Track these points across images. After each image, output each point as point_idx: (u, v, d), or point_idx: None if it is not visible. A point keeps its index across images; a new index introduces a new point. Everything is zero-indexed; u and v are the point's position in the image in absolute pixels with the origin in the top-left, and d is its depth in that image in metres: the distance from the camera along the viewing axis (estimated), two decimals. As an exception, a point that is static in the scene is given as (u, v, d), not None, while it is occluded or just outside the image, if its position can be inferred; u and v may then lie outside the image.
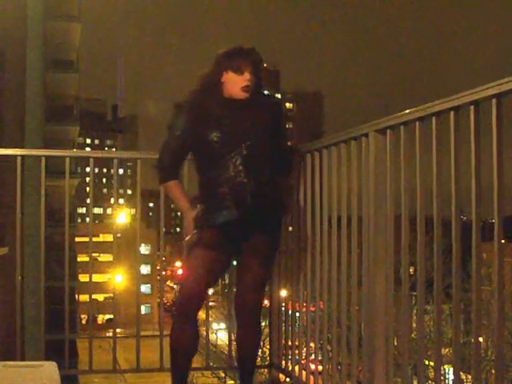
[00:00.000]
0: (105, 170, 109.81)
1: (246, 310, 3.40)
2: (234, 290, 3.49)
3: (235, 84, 3.27)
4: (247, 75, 3.26)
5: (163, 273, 5.03)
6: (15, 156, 3.93)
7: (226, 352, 4.56)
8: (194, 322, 3.30)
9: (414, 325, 2.74)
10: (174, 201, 3.47)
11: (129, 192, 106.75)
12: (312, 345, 3.65)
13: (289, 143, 3.68)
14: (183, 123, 3.35)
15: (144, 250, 59.46)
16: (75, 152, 7.27)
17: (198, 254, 3.28)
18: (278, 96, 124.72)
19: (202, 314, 3.74)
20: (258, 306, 3.41)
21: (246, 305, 3.39)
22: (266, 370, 12.62)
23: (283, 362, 4.03)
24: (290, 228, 3.94)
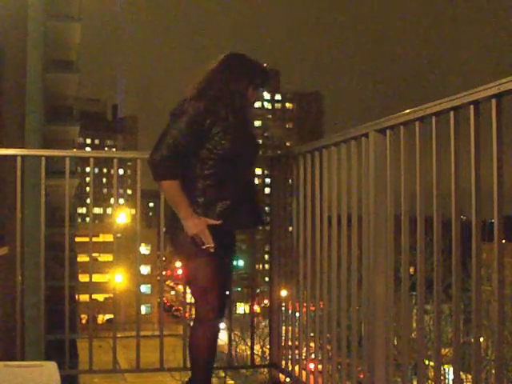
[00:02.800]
0: (105, 170, 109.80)
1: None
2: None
3: (248, 99, 3.35)
4: (260, 95, 3.42)
5: (163, 273, 5.02)
6: (15, 156, 3.93)
7: (225, 352, 4.57)
8: (219, 324, 3.42)
9: (414, 325, 2.74)
10: (173, 203, 3.19)
11: (129, 192, 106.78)
12: (312, 345, 3.66)
13: None
14: (202, 116, 3.16)
15: (144, 250, 59.49)
16: (75, 152, 7.26)
17: (217, 262, 3.23)
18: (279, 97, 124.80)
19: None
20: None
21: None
22: (266, 370, 12.62)
23: (283, 362, 4.03)
24: (290, 228, 3.94)
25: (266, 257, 4.35)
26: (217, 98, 3.22)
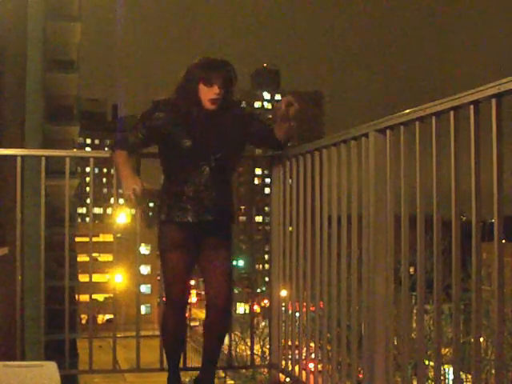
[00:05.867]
0: (105, 170, 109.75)
1: (219, 307, 3.55)
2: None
3: (204, 95, 3.42)
4: (216, 88, 3.40)
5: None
6: (15, 156, 3.93)
7: (225, 352, 4.56)
8: (182, 312, 3.63)
9: (414, 325, 2.74)
10: (118, 168, 3.55)
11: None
12: (312, 345, 3.65)
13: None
14: (157, 122, 3.48)
15: (144, 250, 59.45)
16: (75, 152, 7.27)
17: (172, 255, 3.52)
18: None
19: (202, 315, 3.79)
20: (230, 301, 3.62)
21: (218, 303, 3.54)
22: (265, 370, 12.61)
23: (283, 362, 4.03)
24: (290, 228, 3.94)
25: (266, 257, 4.35)
26: (170, 104, 3.50)
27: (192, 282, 3.81)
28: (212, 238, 3.54)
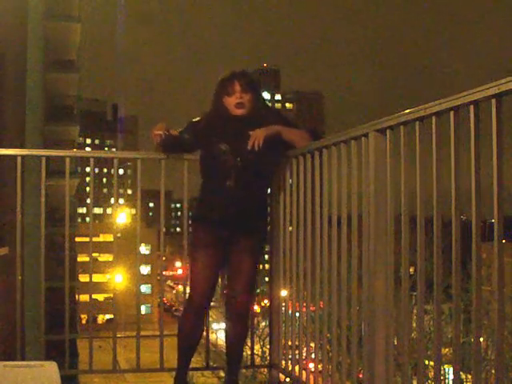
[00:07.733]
0: (105, 170, 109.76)
1: (238, 306, 3.74)
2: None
3: (230, 105, 3.76)
4: (237, 94, 3.72)
5: (163, 273, 5.02)
6: (15, 156, 3.93)
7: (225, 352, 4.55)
8: (201, 315, 3.75)
9: (414, 325, 2.73)
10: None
11: (129, 192, 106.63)
12: (312, 345, 3.65)
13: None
14: (194, 133, 3.88)
15: (144, 250, 59.42)
16: (75, 152, 7.26)
17: (197, 255, 3.71)
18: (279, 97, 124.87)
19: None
20: (249, 303, 3.82)
21: (237, 302, 3.74)
22: (265, 370, 12.60)
23: (283, 362, 4.03)
24: (290, 228, 3.94)
25: (266, 257, 4.37)
26: (205, 115, 3.89)
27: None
28: (240, 243, 3.71)
